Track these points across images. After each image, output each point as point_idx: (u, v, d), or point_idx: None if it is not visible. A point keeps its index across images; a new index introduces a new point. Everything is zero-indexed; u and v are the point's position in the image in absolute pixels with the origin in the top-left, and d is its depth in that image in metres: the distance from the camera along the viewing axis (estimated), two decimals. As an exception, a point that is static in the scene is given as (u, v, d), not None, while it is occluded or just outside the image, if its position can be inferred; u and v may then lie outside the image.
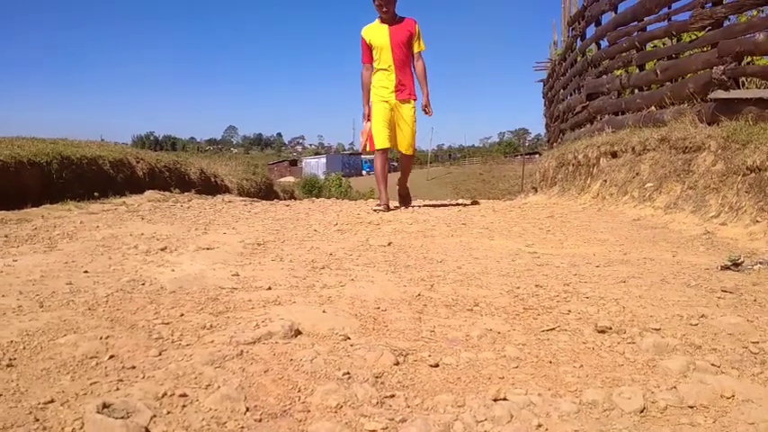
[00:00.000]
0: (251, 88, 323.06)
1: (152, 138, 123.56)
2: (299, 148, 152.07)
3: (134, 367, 1.44)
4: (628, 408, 1.32)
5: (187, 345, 1.62)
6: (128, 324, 1.78)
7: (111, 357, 1.49)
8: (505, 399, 1.34)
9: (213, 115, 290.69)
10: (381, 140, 5.52)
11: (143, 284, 2.28)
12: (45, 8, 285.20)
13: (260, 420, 1.22)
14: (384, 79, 5.52)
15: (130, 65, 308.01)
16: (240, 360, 1.50)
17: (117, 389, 1.31)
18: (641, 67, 7.15)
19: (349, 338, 1.72)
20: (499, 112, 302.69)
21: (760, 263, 2.72)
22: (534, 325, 1.91)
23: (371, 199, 8.67)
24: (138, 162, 7.85)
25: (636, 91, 7.30)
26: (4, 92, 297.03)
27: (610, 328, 1.83)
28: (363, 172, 68.30)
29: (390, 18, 5.45)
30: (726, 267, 2.69)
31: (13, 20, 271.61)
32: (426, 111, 5.69)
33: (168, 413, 1.22)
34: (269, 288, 2.28)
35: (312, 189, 31.04)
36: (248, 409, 1.25)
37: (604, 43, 8.58)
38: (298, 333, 1.73)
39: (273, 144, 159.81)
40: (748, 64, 5.20)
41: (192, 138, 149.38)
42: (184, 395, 1.28)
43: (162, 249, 3.04)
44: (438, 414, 1.28)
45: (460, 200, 9.84)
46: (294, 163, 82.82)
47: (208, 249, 3.10)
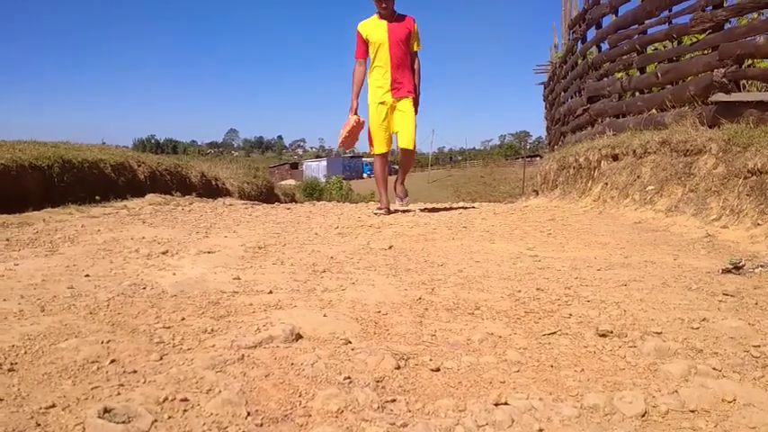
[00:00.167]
0: (252, 91, 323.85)
1: (153, 141, 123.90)
2: (300, 151, 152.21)
3: (135, 372, 1.44)
4: (629, 412, 1.32)
5: (188, 349, 1.62)
6: (129, 328, 1.78)
7: (112, 362, 1.49)
8: (507, 403, 1.34)
9: (214, 118, 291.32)
10: (380, 145, 5.41)
11: (144, 288, 2.28)
12: (46, 12, 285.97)
13: (261, 425, 1.22)
14: (380, 78, 5.33)
15: (131, 68, 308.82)
16: (241, 364, 1.50)
17: (118, 393, 1.31)
18: (642, 70, 7.16)
19: (350, 342, 1.72)
20: (500, 115, 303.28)
21: (761, 266, 2.71)
22: (535, 329, 1.91)
23: (372, 202, 8.67)
24: (140, 166, 7.85)
25: (637, 94, 7.31)
26: (6, 95, 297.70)
27: (611, 332, 1.83)
28: (364, 175, 68.34)
29: (389, 14, 5.26)
30: (727, 270, 2.69)
31: (15, 23, 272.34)
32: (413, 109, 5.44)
33: (169, 418, 1.22)
34: (270, 292, 2.28)
35: (313, 192, 31.07)
36: (249, 414, 1.25)
37: (605, 46, 8.59)
38: (299, 337, 1.73)
39: (274, 147, 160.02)
40: (749, 67, 5.20)
41: (194, 141, 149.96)
42: (185, 400, 1.28)
43: (163, 253, 3.05)
44: (439, 419, 1.28)
45: (461, 203, 9.84)
46: (295, 166, 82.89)
47: (209, 253, 3.10)
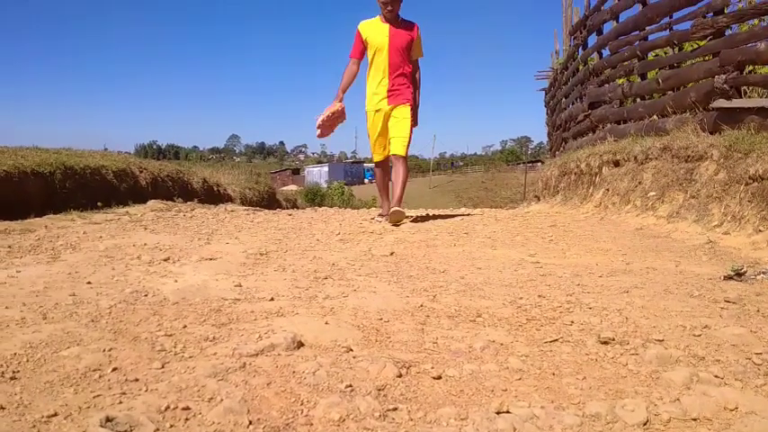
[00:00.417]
0: (253, 97, 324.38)
1: (155, 147, 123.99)
2: (302, 157, 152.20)
3: (137, 380, 1.44)
4: (631, 420, 1.31)
5: (190, 357, 1.62)
6: (131, 336, 1.78)
7: (114, 370, 1.49)
8: (508, 411, 1.34)
9: (216, 124, 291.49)
10: (377, 154, 5.31)
11: (146, 295, 2.29)
12: (47, 17, 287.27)
13: (263, 434, 1.22)
14: (376, 85, 5.15)
15: (133, 74, 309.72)
16: (243, 372, 1.50)
17: (120, 402, 1.31)
18: (643, 77, 7.17)
19: (351, 350, 1.72)
20: (501, 121, 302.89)
21: (763, 272, 2.71)
22: (537, 336, 1.91)
23: (374, 207, 8.69)
24: (142, 172, 7.87)
25: (638, 100, 7.31)
26: (8, 102, 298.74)
27: (613, 340, 1.83)
28: (366, 180, 68.35)
29: (393, 18, 5.04)
30: (729, 277, 2.69)
31: (15, 29, 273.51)
32: (412, 119, 5.21)
33: (171, 427, 1.22)
34: (271, 299, 2.29)
35: (314, 198, 31.05)
36: (251, 423, 1.25)
37: (606, 52, 8.61)
38: (300, 345, 1.73)
39: (276, 153, 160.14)
40: (750, 73, 5.21)
41: (195, 146, 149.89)
42: (187, 408, 1.28)
43: (165, 260, 3.05)
44: (441, 427, 1.28)
45: (463, 208, 9.85)
46: (297, 171, 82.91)
47: (210, 260, 3.11)
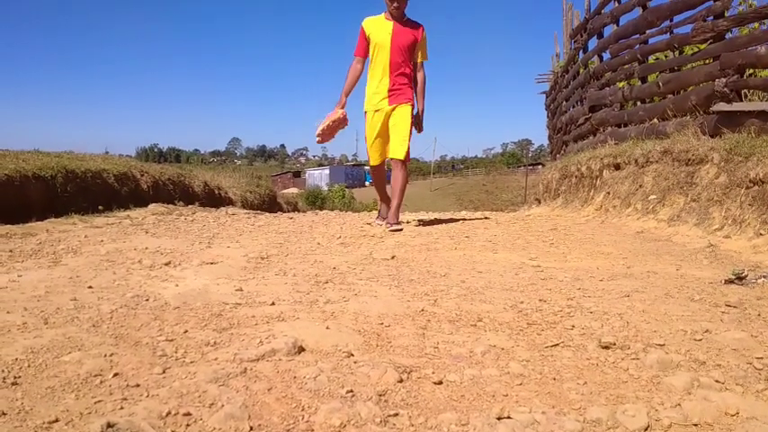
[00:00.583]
0: (254, 100, 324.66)
1: (156, 150, 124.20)
2: (303, 160, 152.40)
3: (138, 385, 1.44)
4: (632, 426, 1.31)
5: (191, 362, 1.62)
6: (132, 341, 1.78)
7: (115, 375, 1.49)
8: (509, 417, 1.34)
9: (217, 127, 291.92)
10: (374, 158, 5.13)
11: (147, 300, 2.29)
12: (47, 20, 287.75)
13: (264, 439, 1.22)
14: (377, 84, 4.99)
15: (134, 77, 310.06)
16: (244, 378, 1.50)
17: (121, 408, 1.31)
18: (643, 80, 7.18)
19: (352, 355, 1.72)
20: (502, 123, 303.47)
21: (764, 276, 2.71)
22: (538, 341, 1.91)
23: (375, 210, 8.68)
24: (143, 175, 7.88)
25: (638, 103, 7.33)
26: (8, 104, 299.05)
27: (614, 344, 1.83)
28: (367, 183, 68.37)
29: (399, 16, 4.90)
30: (730, 281, 2.69)
31: (16, 31, 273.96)
32: (417, 126, 5.12)
33: (172, 432, 1.22)
34: (272, 303, 2.29)
35: (315, 200, 31.11)
36: (252, 429, 1.25)
37: (606, 56, 8.63)
38: (301, 350, 1.73)
39: (277, 155, 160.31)
40: (750, 76, 5.22)
41: (196, 150, 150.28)
42: (188, 414, 1.28)
43: (166, 264, 3.05)
44: (442, 433, 1.28)
45: (463, 211, 9.85)
46: (297, 174, 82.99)
47: (212, 264, 3.11)
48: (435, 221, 5.77)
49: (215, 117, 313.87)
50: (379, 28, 4.93)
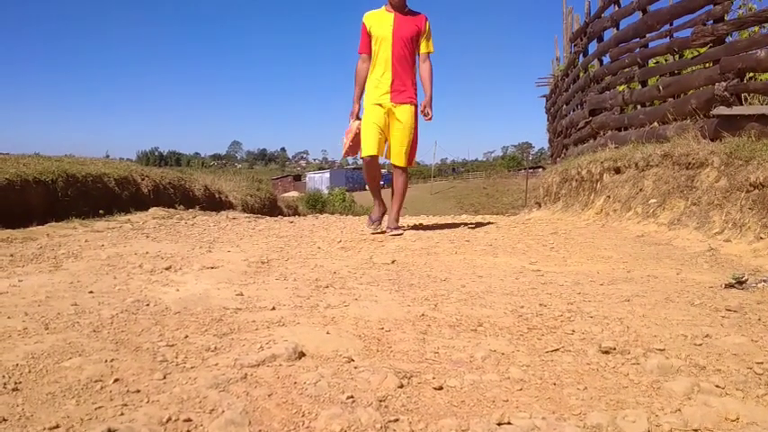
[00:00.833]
0: (255, 104, 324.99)
1: (157, 153, 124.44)
2: (303, 163, 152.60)
3: (139, 391, 1.44)
4: (632, 431, 1.31)
5: (191, 368, 1.62)
6: (132, 346, 1.79)
7: (115, 381, 1.50)
8: (509, 423, 1.34)
9: (217, 131, 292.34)
10: (368, 146, 4.74)
11: (147, 305, 2.29)
12: (48, 23, 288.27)
13: (264, 445, 1.22)
14: (378, 78, 4.75)
15: (135, 81, 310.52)
16: (244, 383, 1.50)
17: (122, 413, 1.31)
18: (644, 84, 7.19)
19: (353, 360, 1.72)
20: (503, 127, 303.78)
21: (764, 281, 2.71)
22: (538, 345, 1.91)
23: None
24: (143, 179, 7.89)
25: (638, 107, 7.33)
26: (9, 109, 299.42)
27: (614, 349, 1.83)
28: (367, 186, 68.23)
29: (400, 7, 4.72)
30: (730, 285, 2.68)
31: (16, 34, 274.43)
32: (426, 113, 4.80)
33: (173, 438, 1.22)
34: (273, 308, 2.29)
35: (316, 204, 31.04)
36: (252, 434, 1.25)
37: (607, 59, 8.63)
38: (302, 355, 1.73)
39: (277, 159, 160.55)
40: (750, 80, 5.22)
41: (197, 153, 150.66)
42: (189, 420, 1.28)
43: (166, 268, 3.06)
44: (442, 438, 1.28)
45: (464, 215, 9.85)
46: (298, 178, 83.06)
47: (212, 268, 3.11)
48: (436, 225, 5.77)
49: (216, 120, 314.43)
50: (380, 21, 4.75)
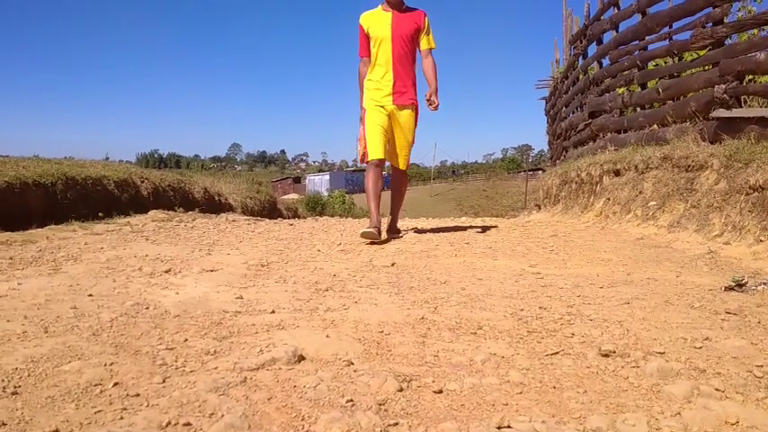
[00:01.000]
0: (255, 106, 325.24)
1: (156, 156, 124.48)
2: (303, 165, 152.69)
3: (138, 395, 1.44)
4: (632, 435, 1.31)
5: (191, 371, 1.62)
6: (132, 350, 1.78)
7: (115, 385, 1.50)
8: (509, 426, 1.34)
9: (217, 133, 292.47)
10: (376, 151, 4.61)
11: (147, 308, 2.29)
12: (47, 25, 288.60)
13: (264, 450, 1.22)
14: (379, 80, 4.63)
15: (135, 83, 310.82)
16: (244, 387, 1.50)
17: (121, 418, 1.31)
18: (643, 86, 7.19)
19: (353, 364, 1.72)
20: (502, 129, 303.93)
21: (764, 283, 2.71)
22: (538, 349, 1.91)
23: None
24: (143, 182, 7.89)
25: (638, 109, 7.33)
26: (9, 111, 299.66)
27: (614, 352, 1.83)
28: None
29: (397, 5, 4.60)
30: (730, 288, 2.68)
31: (15, 36, 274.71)
32: (432, 101, 4.62)
33: (172, 442, 1.22)
34: (272, 311, 2.29)
35: (316, 206, 31.01)
36: (252, 438, 1.25)
37: (606, 62, 8.64)
38: (301, 359, 1.73)
39: (277, 161, 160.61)
40: (750, 83, 5.22)
41: (197, 155, 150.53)
42: (188, 424, 1.28)
43: (166, 271, 3.06)
44: (442, 442, 1.28)
45: (464, 217, 9.86)
46: (298, 180, 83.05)
47: (212, 271, 3.11)
48: (435, 227, 5.77)
49: (215, 123, 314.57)
50: (377, 21, 4.62)
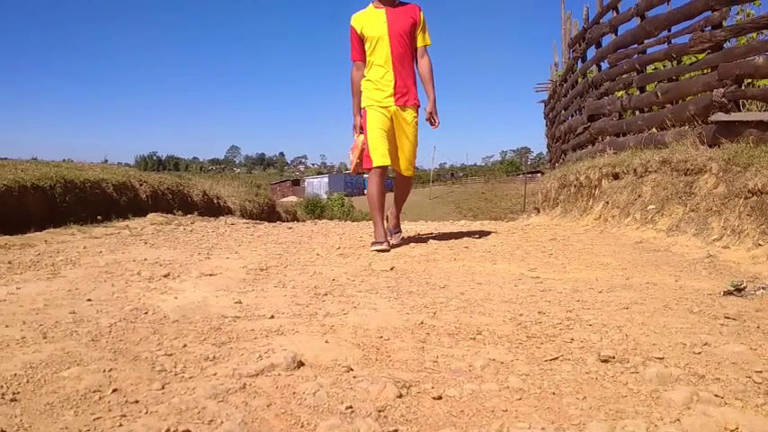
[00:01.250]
0: (254, 108, 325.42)
1: (155, 158, 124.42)
2: (302, 168, 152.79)
3: (137, 402, 1.44)
4: (631, 442, 1.31)
5: (190, 377, 1.62)
6: (131, 356, 1.78)
7: (114, 391, 1.49)
8: (509, 433, 1.33)
9: (216, 135, 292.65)
10: (379, 156, 4.34)
11: (146, 313, 2.29)
12: (47, 30, 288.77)
13: (263, 457, 1.22)
14: (379, 80, 4.39)
15: (133, 85, 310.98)
16: (243, 393, 1.50)
17: (120, 425, 1.31)
18: (642, 89, 7.20)
19: (352, 370, 1.72)
20: (501, 131, 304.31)
21: (762, 288, 2.71)
22: (537, 354, 1.91)
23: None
24: (142, 185, 7.88)
25: (637, 113, 7.34)
26: (8, 113, 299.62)
27: (613, 358, 1.83)
28: (365, 191, 68.20)
29: (389, 0, 4.38)
30: (729, 293, 2.69)
31: (14, 38, 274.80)
32: (432, 120, 4.49)
33: (171, 450, 1.22)
34: (272, 317, 2.29)
35: (315, 209, 31.04)
36: (251, 446, 1.25)
37: (605, 65, 8.66)
38: (300, 364, 1.73)
39: (276, 163, 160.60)
40: (748, 86, 5.23)
41: (195, 157, 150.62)
42: (187, 431, 1.28)
43: (165, 276, 3.05)
44: (441, 449, 1.27)
45: (463, 220, 9.85)
46: (297, 182, 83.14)
47: (210, 275, 3.11)
48: (434, 231, 5.77)
49: (214, 125, 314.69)
50: (371, 20, 4.38)
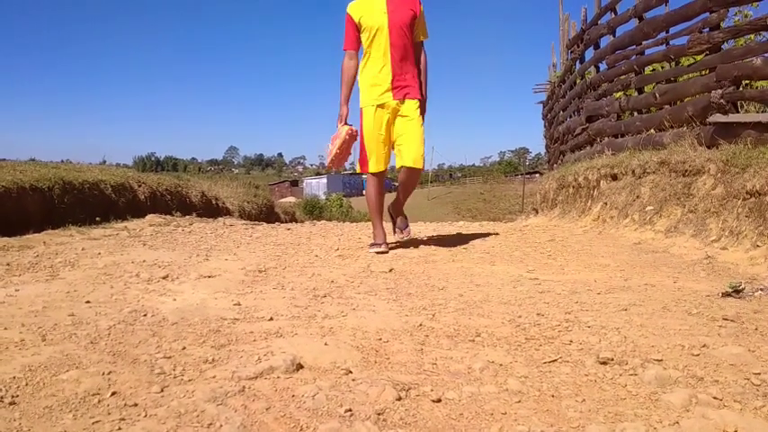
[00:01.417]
0: (252, 109, 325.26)
1: (153, 159, 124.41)
2: (300, 168, 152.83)
3: (136, 405, 1.44)
4: (630, 445, 1.31)
5: (189, 380, 1.62)
6: (130, 358, 1.78)
7: (113, 394, 1.49)
8: (508, 436, 1.34)
9: (214, 136, 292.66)
10: (374, 163, 4.24)
11: (145, 315, 2.28)
12: (45, 30, 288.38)
13: (262, 460, 1.22)
14: (377, 74, 4.17)
15: (132, 86, 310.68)
16: (242, 396, 1.50)
17: (119, 428, 1.30)
18: (640, 91, 7.20)
19: (351, 372, 1.72)
20: (500, 132, 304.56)
21: (761, 289, 2.72)
22: (536, 356, 1.91)
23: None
24: (140, 186, 7.88)
25: (635, 114, 7.35)
26: (6, 114, 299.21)
27: (612, 360, 1.83)
28: (364, 192, 68.16)
29: None
30: (727, 294, 2.69)
31: (13, 40, 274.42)
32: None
33: (170, 453, 1.22)
34: (270, 319, 2.29)
35: (313, 210, 31.05)
36: (250, 449, 1.25)
37: (603, 66, 8.65)
38: (299, 367, 1.73)
39: (274, 164, 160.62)
40: (746, 87, 5.24)
41: (194, 158, 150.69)
42: (187, 434, 1.28)
43: (164, 278, 3.05)
44: (440, 452, 1.27)
45: (461, 221, 9.86)
46: (295, 183, 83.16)
47: (209, 277, 3.11)
48: (433, 232, 5.77)
49: (212, 126, 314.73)
50: (370, 9, 4.15)
